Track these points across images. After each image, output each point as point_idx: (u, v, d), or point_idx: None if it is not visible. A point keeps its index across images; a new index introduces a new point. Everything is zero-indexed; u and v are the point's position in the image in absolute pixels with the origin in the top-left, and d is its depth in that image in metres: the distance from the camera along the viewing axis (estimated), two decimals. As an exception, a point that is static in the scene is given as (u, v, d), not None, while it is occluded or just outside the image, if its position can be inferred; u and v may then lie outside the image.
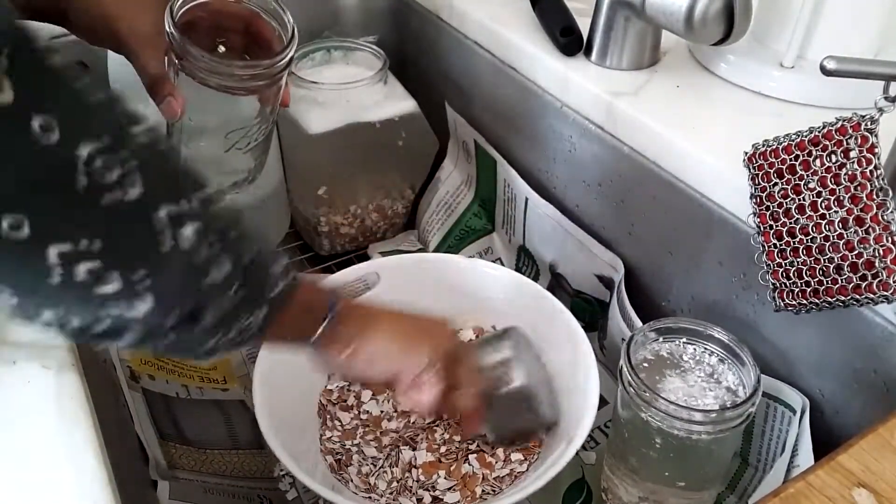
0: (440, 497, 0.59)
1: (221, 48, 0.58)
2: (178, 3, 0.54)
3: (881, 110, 0.47)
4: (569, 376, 0.63)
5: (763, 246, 0.54)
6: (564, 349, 0.64)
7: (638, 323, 0.65)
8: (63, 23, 0.56)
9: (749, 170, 0.55)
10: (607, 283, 0.72)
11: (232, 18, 0.57)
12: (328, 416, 0.65)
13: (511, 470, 0.60)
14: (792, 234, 0.52)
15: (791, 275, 0.52)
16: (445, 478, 0.61)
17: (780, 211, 0.53)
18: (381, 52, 0.85)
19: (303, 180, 0.88)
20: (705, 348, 0.56)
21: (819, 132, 0.50)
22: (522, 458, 0.61)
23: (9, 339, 0.46)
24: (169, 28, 0.53)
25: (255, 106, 0.59)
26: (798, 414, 0.56)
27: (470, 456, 0.63)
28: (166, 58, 0.55)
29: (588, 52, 0.73)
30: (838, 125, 0.49)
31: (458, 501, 0.59)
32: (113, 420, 0.53)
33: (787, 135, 0.52)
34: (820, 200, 0.50)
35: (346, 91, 0.81)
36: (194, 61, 0.53)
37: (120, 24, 0.55)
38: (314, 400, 0.66)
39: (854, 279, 0.48)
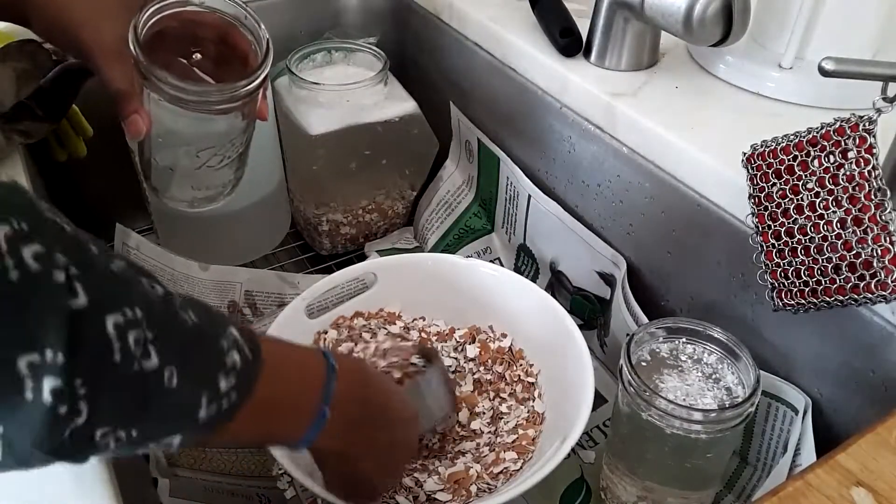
0: (435, 496, 0.59)
1: (197, 55, 0.55)
2: (143, 20, 0.50)
3: (879, 111, 0.47)
4: (564, 376, 0.63)
5: (761, 246, 0.54)
6: (560, 348, 0.64)
7: (643, 318, 0.65)
8: (25, 25, 0.53)
9: (748, 170, 0.55)
10: (608, 279, 0.72)
11: (206, 28, 0.54)
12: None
13: (505, 469, 0.61)
14: (790, 234, 0.52)
15: (789, 275, 0.52)
16: (440, 477, 0.61)
17: (779, 211, 0.53)
18: (381, 53, 0.86)
19: (303, 180, 0.88)
20: (705, 348, 0.57)
21: (817, 133, 0.50)
22: (516, 457, 0.61)
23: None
24: (133, 48, 0.49)
25: (228, 123, 0.55)
26: (801, 413, 0.56)
27: (463, 456, 0.63)
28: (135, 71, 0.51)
29: (587, 53, 0.73)
30: (836, 126, 0.49)
31: (453, 500, 0.59)
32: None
33: (785, 135, 0.53)
34: (818, 201, 0.50)
35: (347, 92, 0.81)
36: (160, 84, 0.50)
37: (83, 32, 0.51)
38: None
39: (852, 279, 0.48)
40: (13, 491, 0.40)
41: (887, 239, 0.47)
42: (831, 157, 0.49)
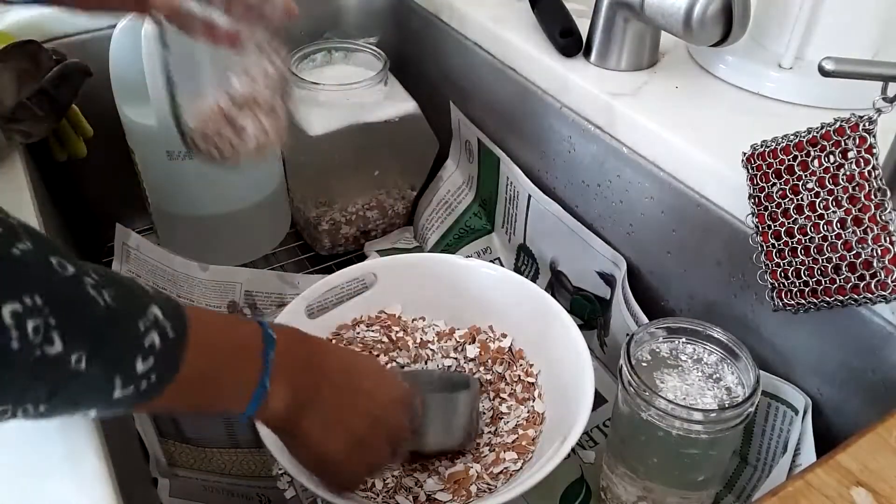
0: (435, 496, 0.59)
1: None
2: None
3: (879, 111, 0.47)
4: (564, 376, 0.63)
5: (761, 246, 0.54)
6: (561, 349, 0.64)
7: (643, 318, 0.65)
8: None
9: (747, 170, 0.55)
10: (608, 279, 0.72)
11: None
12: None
13: (505, 469, 0.61)
14: (790, 234, 0.52)
15: (789, 275, 0.52)
16: (440, 477, 0.61)
17: (779, 211, 0.53)
18: (381, 52, 0.86)
19: (303, 181, 0.89)
20: (705, 348, 0.57)
21: (817, 133, 0.50)
22: (516, 457, 0.61)
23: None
24: None
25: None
26: (800, 413, 0.56)
27: (463, 456, 0.63)
28: None
29: (587, 53, 0.73)
30: (836, 126, 0.49)
31: (453, 500, 0.59)
32: (114, 418, 0.53)
33: (785, 136, 0.53)
34: (818, 201, 0.50)
35: (347, 92, 0.81)
36: None
37: None
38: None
39: (852, 279, 0.48)
40: (13, 490, 0.40)
41: (887, 239, 0.47)
42: (831, 157, 0.49)
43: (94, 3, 0.56)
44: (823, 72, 0.46)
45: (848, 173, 0.48)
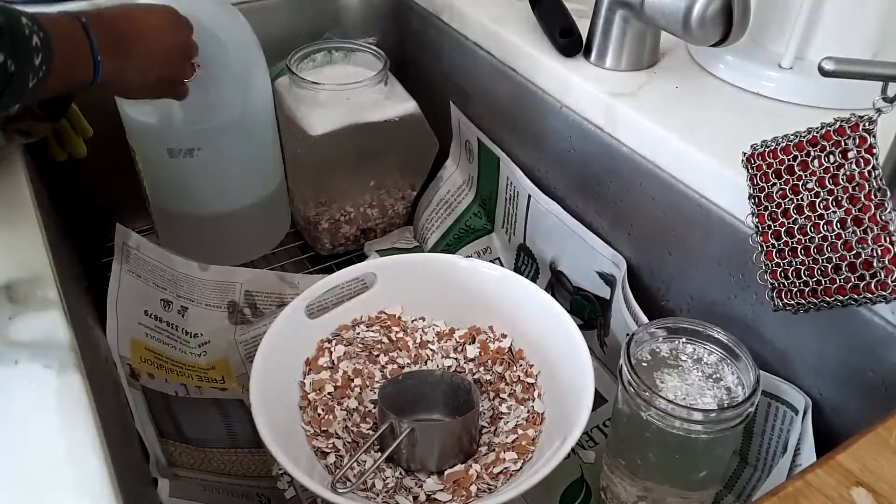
0: (435, 496, 0.59)
1: None
2: None
3: (879, 111, 0.47)
4: (564, 376, 0.63)
5: (761, 246, 0.54)
6: (561, 349, 0.64)
7: (643, 317, 0.65)
8: None
9: (747, 170, 0.55)
10: (608, 279, 0.72)
11: None
12: (323, 413, 0.65)
13: (505, 469, 0.61)
14: (790, 234, 0.52)
15: (789, 275, 0.52)
16: (440, 477, 0.61)
17: (779, 211, 0.53)
18: (381, 52, 0.86)
19: (304, 180, 0.88)
20: (705, 348, 0.57)
21: (817, 133, 0.50)
22: (516, 457, 0.61)
23: (11, 338, 0.46)
24: None
25: None
26: (801, 414, 0.56)
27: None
28: None
29: (587, 53, 0.73)
30: (836, 126, 0.49)
31: (453, 500, 0.59)
32: (114, 418, 0.53)
33: (785, 136, 0.53)
34: (818, 201, 0.50)
35: (347, 91, 0.81)
36: None
37: None
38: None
39: (852, 279, 0.48)
40: (15, 490, 0.40)
41: (887, 239, 0.47)
42: (831, 157, 0.49)
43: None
44: (823, 72, 0.46)
45: (848, 173, 0.48)
